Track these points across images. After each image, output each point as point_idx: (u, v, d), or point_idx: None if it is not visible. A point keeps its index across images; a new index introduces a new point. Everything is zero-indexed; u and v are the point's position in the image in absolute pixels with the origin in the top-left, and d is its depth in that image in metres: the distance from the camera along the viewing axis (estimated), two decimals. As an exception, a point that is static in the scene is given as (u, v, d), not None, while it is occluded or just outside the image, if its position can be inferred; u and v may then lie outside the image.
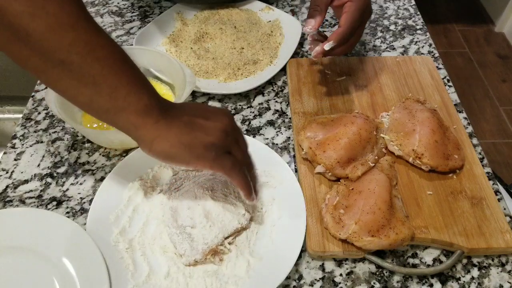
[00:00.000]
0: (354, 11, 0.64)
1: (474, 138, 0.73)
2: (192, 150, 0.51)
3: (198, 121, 0.52)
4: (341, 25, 0.65)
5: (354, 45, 0.69)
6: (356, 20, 0.65)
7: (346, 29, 0.64)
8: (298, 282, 0.57)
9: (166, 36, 0.89)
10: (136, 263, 0.57)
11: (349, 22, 0.64)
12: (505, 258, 0.60)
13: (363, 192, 0.60)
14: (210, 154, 0.51)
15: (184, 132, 0.50)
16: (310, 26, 0.67)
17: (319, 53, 0.66)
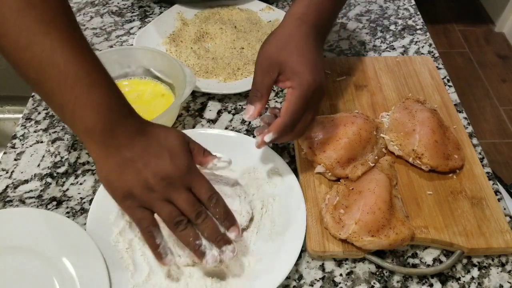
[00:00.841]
0: (296, 99, 0.55)
1: (474, 138, 0.73)
2: (114, 192, 0.51)
3: (136, 165, 0.49)
4: (281, 115, 0.56)
5: (303, 130, 0.60)
6: (298, 109, 0.56)
7: (287, 120, 0.56)
8: (298, 282, 0.57)
9: (166, 36, 0.89)
10: (136, 263, 0.57)
11: (289, 112, 0.56)
12: (505, 258, 0.60)
13: (363, 192, 0.60)
14: (125, 203, 0.51)
15: (115, 170, 0.49)
16: (247, 115, 0.58)
17: (260, 144, 0.58)
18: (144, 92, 0.77)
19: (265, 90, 0.57)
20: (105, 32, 0.93)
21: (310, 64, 0.56)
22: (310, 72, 0.55)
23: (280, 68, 0.56)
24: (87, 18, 0.96)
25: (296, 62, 0.55)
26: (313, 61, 0.56)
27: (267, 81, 0.57)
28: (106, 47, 0.89)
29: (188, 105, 0.79)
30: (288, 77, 0.56)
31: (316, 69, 0.56)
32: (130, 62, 0.78)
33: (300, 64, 0.55)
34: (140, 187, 0.49)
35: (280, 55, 0.56)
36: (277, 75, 0.57)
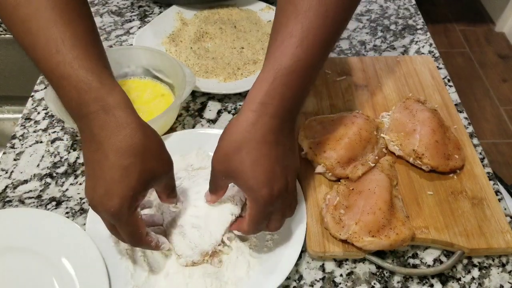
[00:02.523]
0: (254, 213, 0.50)
1: (474, 138, 0.73)
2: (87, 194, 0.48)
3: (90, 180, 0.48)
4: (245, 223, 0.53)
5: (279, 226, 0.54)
6: (259, 220, 0.51)
7: (250, 228, 0.53)
8: (298, 282, 0.57)
9: (165, 36, 0.89)
10: (136, 263, 0.57)
11: (250, 223, 0.52)
12: (505, 258, 0.60)
13: (363, 192, 0.60)
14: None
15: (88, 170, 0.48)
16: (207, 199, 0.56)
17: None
18: (144, 92, 0.77)
19: (220, 189, 0.54)
20: (104, 31, 0.93)
21: (266, 175, 0.48)
22: (264, 186, 0.48)
23: (233, 178, 0.50)
24: (86, 18, 0.96)
25: (248, 175, 0.48)
26: (270, 169, 0.48)
27: (220, 184, 0.53)
28: (106, 47, 0.89)
29: (188, 105, 0.79)
30: (243, 189, 0.51)
31: (274, 178, 0.48)
32: (130, 62, 0.78)
33: (253, 177, 0.48)
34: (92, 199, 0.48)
35: (232, 164, 0.49)
36: (228, 181, 0.52)
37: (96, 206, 0.47)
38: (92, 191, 0.47)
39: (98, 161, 0.46)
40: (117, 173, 0.46)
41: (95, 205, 0.47)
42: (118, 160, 0.46)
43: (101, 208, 0.47)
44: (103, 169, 0.46)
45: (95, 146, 0.47)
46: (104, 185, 0.46)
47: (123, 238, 0.51)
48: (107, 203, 0.46)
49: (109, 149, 0.46)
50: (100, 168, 0.46)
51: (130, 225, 0.48)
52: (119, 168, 0.46)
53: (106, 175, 0.46)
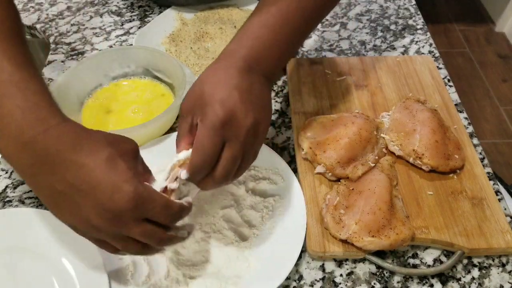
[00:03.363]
0: (201, 133, 0.46)
1: (474, 138, 0.73)
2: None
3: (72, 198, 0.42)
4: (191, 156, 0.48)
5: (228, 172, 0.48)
6: (206, 144, 0.46)
7: (196, 159, 0.46)
8: (298, 282, 0.57)
9: (165, 36, 0.89)
10: (136, 263, 0.57)
11: (198, 150, 0.46)
12: (505, 258, 0.60)
13: (363, 192, 0.60)
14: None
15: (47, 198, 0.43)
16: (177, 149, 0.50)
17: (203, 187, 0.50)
18: (144, 92, 0.77)
19: (182, 137, 0.49)
20: (104, 31, 0.93)
21: (221, 95, 0.47)
22: (219, 102, 0.46)
23: (193, 110, 0.48)
24: (86, 17, 0.96)
25: (205, 96, 0.47)
26: (226, 91, 0.47)
27: (183, 127, 0.49)
28: (106, 47, 0.89)
29: (188, 105, 0.79)
30: (196, 113, 0.47)
31: (229, 98, 0.47)
32: (130, 62, 0.78)
33: (209, 96, 0.47)
34: (84, 226, 0.43)
35: (193, 96, 0.48)
36: (191, 119, 0.48)
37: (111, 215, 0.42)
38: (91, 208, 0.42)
39: (74, 177, 0.42)
40: (104, 169, 0.42)
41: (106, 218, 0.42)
42: (96, 160, 0.42)
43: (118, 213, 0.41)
44: (89, 180, 0.41)
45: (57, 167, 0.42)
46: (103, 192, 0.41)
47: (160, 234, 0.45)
48: (121, 201, 0.41)
49: (80, 157, 0.42)
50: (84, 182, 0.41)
51: (156, 197, 0.43)
52: (103, 163, 0.42)
53: (99, 180, 0.41)
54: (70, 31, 0.93)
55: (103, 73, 0.77)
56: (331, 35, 0.93)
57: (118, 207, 0.41)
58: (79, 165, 0.42)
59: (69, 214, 0.43)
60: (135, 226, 0.43)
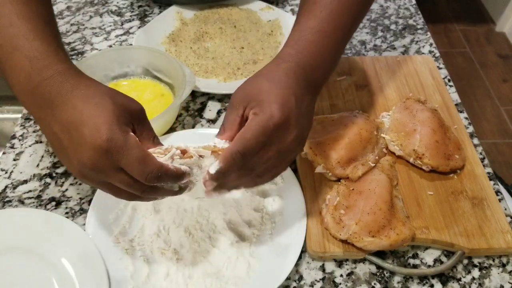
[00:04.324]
0: (254, 125, 0.46)
1: (475, 138, 0.73)
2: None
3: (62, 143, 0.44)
4: (233, 141, 0.47)
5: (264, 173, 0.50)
6: (255, 138, 0.46)
7: (238, 147, 0.45)
8: (298, 282, 0.57)
9: (165, 36, 0.89)
10: (136, 263, 0.57)
11: (243, 139, 0.46)
12: (505, 258, 0.60)
13: (363, 193, 0.60)
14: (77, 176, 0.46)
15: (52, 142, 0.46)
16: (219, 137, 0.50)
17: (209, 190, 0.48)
18: (144, 92, 0.77)
19: (229, 126, 0.49)
20: (104, 31, 0.93)
21: (281, 99, 0.47)
22: (278, 104, 0.47)
23: (248, 101, 0.48)
24: (86, 17, 0.96)
25: (264, 92, 0.48)
26: (286, 96, 0.48)
27: (232, 116, 0.49)
28: (106, 47, 0.89)
29: (188, 105, 0.79)
30: (252, 107, 0.48)
31: (287, 104, 0.47)
32: (130, 62, 0.78)
33: (268, 94, 0.48)
34: (72, 171, 0.46)
35: (250, 88, 0.49)
36: (243, 110, 0.49)
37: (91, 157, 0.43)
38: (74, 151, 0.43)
39: (68, 114, 0.44)
40: (93, 110, 0.43)
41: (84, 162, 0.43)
42: (89, 100, 0.44)
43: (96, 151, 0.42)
44: (75, 117, 0.43)
45: (56, 109, 0.44)
46: (85, 131, 0.42)
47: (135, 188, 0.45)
48: (95, 141, 0.42)
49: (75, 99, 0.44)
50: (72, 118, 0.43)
51: (133, 147, 0.43)
52: (94, 106, 0.43)
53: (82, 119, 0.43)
54: (70, 31, 0.93)
55: (103, 73, 0.76)
56: (331, 35, 0.93)
57: (93, 148, 0.42)
58: (72, 106, 0.44)
59: (62, 158, 0.46)
60: (113, 173, 0.44)
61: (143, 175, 0.43)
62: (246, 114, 0.48)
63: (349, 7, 0.54)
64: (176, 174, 0.45)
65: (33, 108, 0.47)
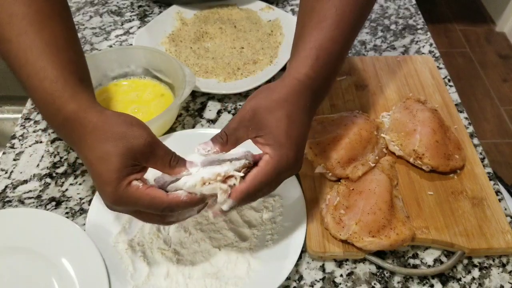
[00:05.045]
0: (270, 170, 0.48)
1: (475, 138, 0.73)
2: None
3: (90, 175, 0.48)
4: (246, 181, 0.48)
5: (261, 196, 0.53)
6: (268, 181, 0.49)
7: (251, 188, 0.48)
8: (298, 282, 0.57)
9: (165, 36, 0.89)
10: (136, 263, 0.57)
11: (257, 182, 0.48)
12: (506, 258, 0.60)
13: (363, 193, 0.60)
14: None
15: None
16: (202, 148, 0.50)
17: (217, 215, 0.51)
18: (144, 92, 0.77)
19: (233, 141, 0.51)
20: (104, 31, 0.93)
21: (297, 140, 0.50)
22: (293, 149, 0.49)
23: (262, 130, 0.49)
24: (86, 17, 0.96)
25: (282, 133, 0.49)
26: (300, 137, 0.50)
27: (240, 134, 0.50)
28: (106, 47, 0.89)
29: (188, 105, 0.79)
30: (269, 144, 0.49)
31: (301, 148, 0.50)
32: (130, 62, 0.78)
33: (286, 136, 0.49)
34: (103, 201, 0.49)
35: (268, 117, 0.49)
36: (255, 135, 0.50)
37: (108, 205, 0.48)
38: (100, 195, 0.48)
39: (86, 162, 0.48)
40: (98, 164, 0.46)
41: (109, 207, 0.48)
42: (92, 156, 0.47)
43: (109, 204, 0.47)
44: (90, 167, 0.47)
45: (78, 151, 0.49)
46: (97, 180, 0.47)
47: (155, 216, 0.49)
48: (106, 197, 0.46)
49: (84, 150, 0.47)
50: (89, 167, 0.48)
51: (138, 198, 0.46)
52: (98, 159, 0.46)
53: (93, 174, 0.47)
54: (70, 31, 0.93)
55: (103, 73, 0.76)
56: (331, 35, 0.93)
57: (106, 199, 0.47)
58: (84, 156, 0.48)
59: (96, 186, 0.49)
60: (133, 213, 0.49)
61: (158, 212, 0.47)
62: (258, 140, 0.50)
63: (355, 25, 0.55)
64: (188, 204, 0.48)
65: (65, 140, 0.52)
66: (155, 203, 0.46)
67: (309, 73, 0.52)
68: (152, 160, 0.48)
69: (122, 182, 0.46)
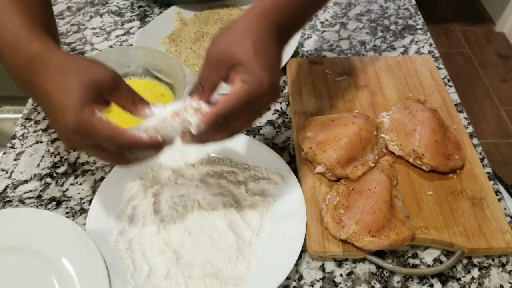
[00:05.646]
0: (242, 94, 0.47)
1: (474, 138, 0.73)
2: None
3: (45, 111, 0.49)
4: (217, 104, 0.48)
5: (239, 131, 0.52)
6: (240, 105, 0.48)
7: (222, 112, 0.48)
8: (298, 282, 0.57)
9: (165, 36, 0.89)
10: (136, 263, 0.57)
11: (228, 105, 0.47)
12: (505, 258, 0.60)
13: (363, 192, 0.60)
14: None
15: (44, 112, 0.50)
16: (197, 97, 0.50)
17: (187, 140, 0.50)
18: (144, 92, 0.77)
19: (209, 86, 0.50)
20: (104, 31, 0.93)
21: (269, 64, 0.49)
22: (266, 70, 0.48)
23: (232, 65, 0.49)
24: (86, 17, 0.96)
25: (252, 58, 0.48)
26: (272, 62, 0.50)
27: (213, 77, 0.50)
28: (106, 47, 0.89)
29: (188, 105, 0.79)
30: (241, 73, 0.48)
31: (274, 71, 0.50)
32: (130, 62, 0.78)
33: (257, 62, 0.48)
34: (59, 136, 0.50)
35: (234, 51, 0.48)
36: (226, 72, 0.49)
37: (65, 136, 0.47)
38: (53, 124, 0.48)
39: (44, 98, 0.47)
40: (59, 94, 0.46)
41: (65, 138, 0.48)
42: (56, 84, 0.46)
43: (67, 133, 0.46)
44: (48, 100, 0.47)
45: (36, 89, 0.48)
46: (56, 114, 0.46)
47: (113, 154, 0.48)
48: (66, 124, 0.45)
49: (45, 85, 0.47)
50: (47, 102, 0.47)
51: (99, 127, 0.45)
52: (59, 89, 0.46)
53: (52, 106, 0.46)
54: (70, 31, 0.93)
55: (103, 73, 0.76)
56: (331, 35, 0.93)
57: (68, 130, 0.46)
58: (45, 91, 0.47)
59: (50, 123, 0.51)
60: (89, 147, 0.48)
61: (116, 148, 0.47)
62: (230, 76, 0.49)
63: None
64: (149, 145, 0.48)
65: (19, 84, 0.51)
66: (116, 137, 0.46)
67: (269, 7, 0.52)
68: (116, 94, 0.48)
69: (86, 108, 0.45)
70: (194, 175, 0.65)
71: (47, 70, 0.47)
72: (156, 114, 0.48)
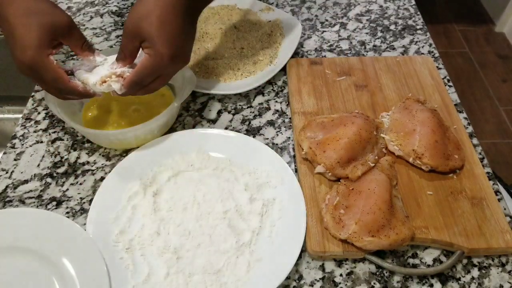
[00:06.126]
0: (147, 65, 0.58)
1: (474, 138, 0.73)
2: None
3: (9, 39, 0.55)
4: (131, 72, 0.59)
5: (156, 89, 0.63)
6: (147, 74, 0.58)
7: (134, 79, 0.59)
8: (298, 282, 0.57)
9: (166, 36, 0.89)
10: (136, 263, 0.57)
11: (138, 74, 0.58)
12: (505, 258, 0.60)
13: (363, 192, 0.60)
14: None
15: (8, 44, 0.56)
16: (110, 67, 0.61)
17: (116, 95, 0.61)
18: (144, 92, 0.77)
19: (129, 54, 0.60)
20: (105, 32, 0.93)
21: (168, 36, 0.57)
22: (166, 45, 0.57)
23: (142, 37, 0.57)
24: (87, 18, 0.96)
25: (154, 34, 0.56)
26: (175, 36, 0.57)
27: (130, 47, 0.59)
28: (106, 47, 0.89)
29: (188, 105, 0.79)
30: (148, 46, 0.58)
31: (174, 42, 0.57)
32: (130, 62, 0.78)
33: (158, 36, 0.56)
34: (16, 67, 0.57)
35: (142, 25, 0.57)
36: (140, 43, 0.58)
37: (20, 67, 0.56)
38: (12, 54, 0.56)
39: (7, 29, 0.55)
40: (22, 31, 0.55)
41: (20, 68, 0.56)
42: (17, 22, 0.55)
43: (22, 66, 0.55)
44: (11, 33, 0.55)
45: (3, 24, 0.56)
46: (17, 46, 0.55)
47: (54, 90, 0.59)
48: (23, 58, 0.55)
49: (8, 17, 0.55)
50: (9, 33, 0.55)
51: (49, 70, 0.56)
52: (23, 27, 0.55)
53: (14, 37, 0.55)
54: (70, 31, 0.93)
55: (103, 73, 0.76)
56: (331, 35, 0.93)
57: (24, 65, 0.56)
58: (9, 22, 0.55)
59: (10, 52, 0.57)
60: (37, 79, 0.58)
61: (57, 90, 0.59)
62: (142, 47, 0.58)
63: None
64: (83, 94, 0.61)
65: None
66: (59, 82, 0.58)
67: None
68: (68, 38, 0.59)
69: (44, 51, 0.56)
70: (194, 175, 0.65)
71: (11, 4, 0.55)
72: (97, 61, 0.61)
